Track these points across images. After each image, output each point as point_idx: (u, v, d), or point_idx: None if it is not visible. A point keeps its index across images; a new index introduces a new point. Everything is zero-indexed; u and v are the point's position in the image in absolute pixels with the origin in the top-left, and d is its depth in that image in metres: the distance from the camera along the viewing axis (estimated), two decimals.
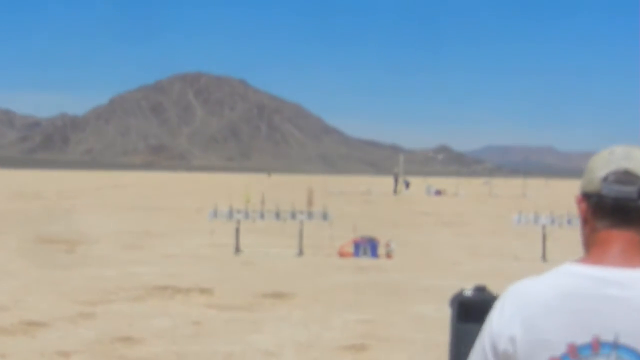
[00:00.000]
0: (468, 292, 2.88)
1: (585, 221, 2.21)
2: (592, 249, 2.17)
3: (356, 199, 60.95)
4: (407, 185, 75.69)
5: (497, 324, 2.14)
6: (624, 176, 2.13)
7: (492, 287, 2.97)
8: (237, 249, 21.07)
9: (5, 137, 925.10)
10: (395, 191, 73.79)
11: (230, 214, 21.54)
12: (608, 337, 2.04)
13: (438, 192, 75.13)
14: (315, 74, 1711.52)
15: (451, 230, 31.11)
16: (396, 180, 76.44)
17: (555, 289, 2.10)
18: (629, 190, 2.13)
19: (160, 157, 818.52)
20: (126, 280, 16.13)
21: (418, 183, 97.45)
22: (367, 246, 20.91)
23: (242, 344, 10.63)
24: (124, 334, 11.15)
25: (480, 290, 2.89)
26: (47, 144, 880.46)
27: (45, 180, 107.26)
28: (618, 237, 2.14)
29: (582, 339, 2.05)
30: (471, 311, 2.86)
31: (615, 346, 2.03)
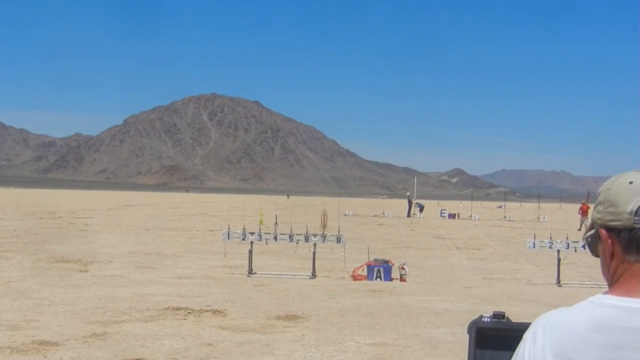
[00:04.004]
0: (486, 319, 2.83)
1: (611, 256, 2.15)
2: (623, 281, 2.11)
3: (370, 221, 60.92)
4: (421, 208, 75.53)
5: (530, 356, 2.08)
6: None
7: (506, 311, 2.93)
8: (250, 271, 21.02)
9: (20, 156, 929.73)
10: (409, 214, 73.69)
11: (243, 236, 21.50)
12: None
13: (452, 216, 74.97)
14: (330, 96, 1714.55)
15: (465, 253, 30.99)
16: (410, 204, 76.33)
17: (589, 320, 2.04)
18: None
19: (174, 177, 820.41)
20: (139, 301, 16.10)
21: (432, 206, 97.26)
22: (381, 269, 20.84)
23: None
24: (136, 354, 11.11)
25: (498, 317, 2.84)
26: (62, 164, 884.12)
27: (59, 199, 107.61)
28: None
29: None
30: (489, 338, 2.81)
31: None
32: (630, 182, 2.16)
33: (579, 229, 51.49)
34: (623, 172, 2.23)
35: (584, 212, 60.06)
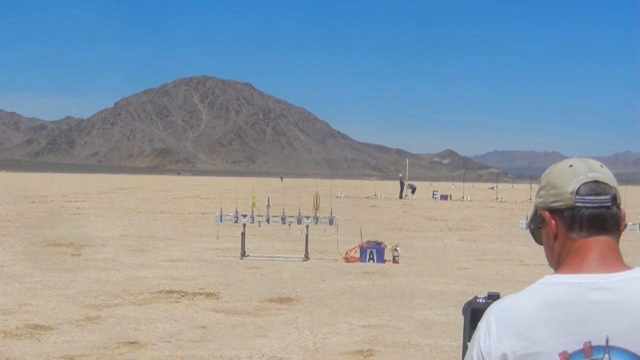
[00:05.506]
0: (481, 300, 2.84)
1: (555, 236, 2.23)
2: (569, 259, 2.18)
3: (362, 203, 60.93)
4: (413, 190, 75.53)
5: (485, 344, 2.13)
6: (596, 186, 2.18)
7: (500, 293, 2.93)
8: (243, 253, 21.03)
9: (11, 140, 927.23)
10: (401, 196, 73.71)
11: (235, 218, 21.50)
12: (599, 341, 2.05)
13: (444, 197, 75.04)
14: (322, 78, 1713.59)
15: (457, 235, 31.05)
16: (402, 185, 76.35)
17: (540, 300, 2.10)
18: (603, 198, 2.18)
19: (166, 160, 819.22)
20: (132, 284, 16.11)
21: (424, 187, 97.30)
22: (374, 251, 20.86)
23: (248, 349, 10.59)
24: (130, 338, 11.12)
25: (493, 297, 2.84)
26: (53, 147, 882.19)
27: (51, 183, 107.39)
28: (596, 244, 2.16)
29: (574, 346, 2.06)
30: None
31: (607, 349, 2.05)
32: (570, 166, 2.25)
33: None
34: (608, 154, 2.26)
35: None
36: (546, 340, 2.06)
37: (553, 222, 2.22)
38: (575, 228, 2.18)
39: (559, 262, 2.22)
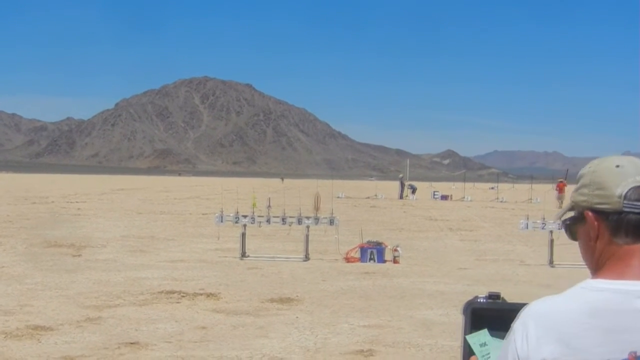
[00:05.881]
0: (482, 299, 2.83)
1: (596, 238, 2.14)
2: (611, 264, 2.10)
3: (362, 203, 60.93)
4: (414, 190, 75.55)
5: (523, 349, 2.05)
6: None
7: (500, 292, 2.92)
8: (243, 254, 21.02)
9: (12, 141, 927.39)
10: (401, 196, 73.71)
11: (236, 219, 21.49)
12: None
13: (444, 197, 75.04)
14: (322, 79, 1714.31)
15: (458, 235, 31.04)
16: (402, 185, 76.36)
17: (583, 306, 2.03)
18: None
19: (166, 161, 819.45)
20: (132, 285, 16.10)
21: (424, 188, 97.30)
22: (374, 251, 20.86)
23: (248, 349, 10.58)
24: (131, 338, 11.12)
25: (494, 297, 2.84)
26: (54, 148, 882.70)
27: (51, 184, 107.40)
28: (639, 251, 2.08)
29: (619, 355, 1.98)
30: (484, 319, 2.81)
31: None
32: (617, 166, 2.14)
33: (560, 208, 51.76)
34: (608, 154, 2.21)
35: (560, 189, 60.58)
36: (590, 349, 1.99)
37: (596, 223, 2.13)
38: (620, 233, 2.09)
39: (597, 264, 2.14)
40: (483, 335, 2.16)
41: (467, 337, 2.21)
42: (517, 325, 2.10)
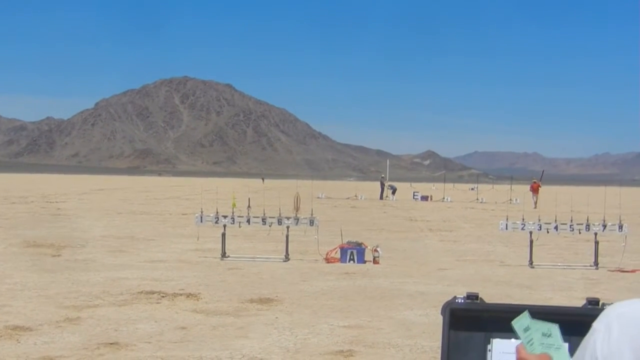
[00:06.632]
0: (460, 300, 2.85)
1: None
2: None
3: (343, 204, 60.97)
4: (394, 190, 75.66)
5: (603, 349, 1.97)
6: None
7: (479, 292, 2.94)
8: (224, 254, 21.00)
9: None
10: (381, 197, 73.80)
11: (216, 219, 21.46)
12: None
13: (425, 198, 75.18)
14: (303, 79, 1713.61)
15: (438, 236, 31.11)
16: (382, 186, 76.45)
17: None
18: None
19: (146, 161, 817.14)
20: (112, 285, 16.06)
21: (404, 188, 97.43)
22: (354, 252, 20.87)
23: (228, 349, 10.58)
24: (110, 339, 11.09)
25: (472, 298, 2.86)
26: (33, 148, 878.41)
27: (31, 184, 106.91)
28: None
29: None
30: (463, 319, 2.83)
31: None
32: None
33: (535, 208, 52.20)
34: (593, 154, 2.17)
35: (534, 190, 62.36)
36: None
37: None
38: None
39: None
40: (525, 319, 2.11)
41: (512, 322, 2.14)
42: (599, 324, 2.04)
